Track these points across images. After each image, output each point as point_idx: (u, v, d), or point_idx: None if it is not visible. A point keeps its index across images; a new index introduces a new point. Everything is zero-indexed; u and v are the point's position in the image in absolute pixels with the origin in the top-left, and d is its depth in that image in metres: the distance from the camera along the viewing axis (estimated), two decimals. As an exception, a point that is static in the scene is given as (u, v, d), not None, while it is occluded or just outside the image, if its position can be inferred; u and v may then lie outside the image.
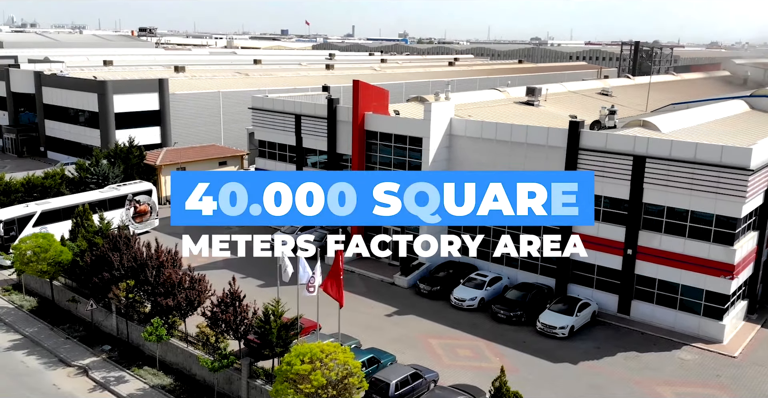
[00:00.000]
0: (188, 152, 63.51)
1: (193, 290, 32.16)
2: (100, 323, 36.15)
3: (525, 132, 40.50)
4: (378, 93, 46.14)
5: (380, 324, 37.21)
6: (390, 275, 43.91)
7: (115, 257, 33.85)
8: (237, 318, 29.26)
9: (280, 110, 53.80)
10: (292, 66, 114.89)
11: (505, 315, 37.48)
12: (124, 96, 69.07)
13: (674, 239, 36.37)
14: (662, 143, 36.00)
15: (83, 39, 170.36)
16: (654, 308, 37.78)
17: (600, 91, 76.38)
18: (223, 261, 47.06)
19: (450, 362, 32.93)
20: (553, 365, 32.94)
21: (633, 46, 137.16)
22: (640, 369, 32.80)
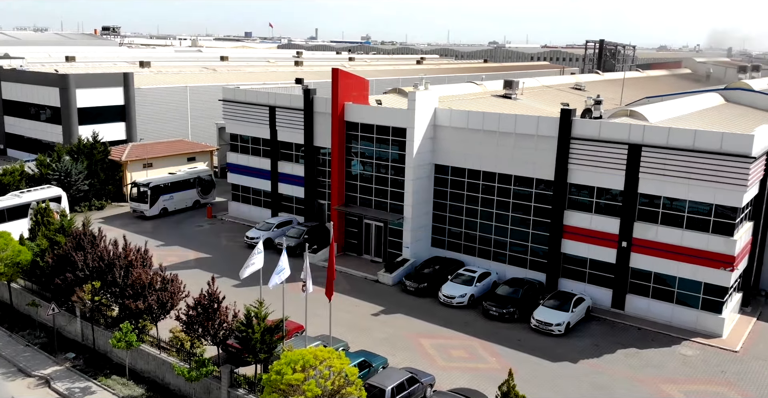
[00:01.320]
0: (155, 148, 60.54)
1: (166, 291, 29.62)
2: (63, 328, 33.32)
3: (514, 121, 38.80)
4: (358, 82, 44.02)
5: (367, 324, 35.09)
6: (373, 272, 41.82)
7: (78, 257, 31.11)
8: (215, 321, 26.84)
9: (253, 102, 51.31)
10: (260, 63, 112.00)
11: (497, 312, 35.69)
12: (88, 90, 65.70)
13: (671, 230, 35.01)
14: (659, 131, 34.60)
15: (45, 37, 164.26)
16: (650, 302, 36.38)
17: (573, 85, 75.73)
18: (195, 260, 44.66)
19: (444, 363, 30.97)
20: (553, 364, 31.22)
21: (598, 44, 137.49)
22: (642, 367, 31.29)
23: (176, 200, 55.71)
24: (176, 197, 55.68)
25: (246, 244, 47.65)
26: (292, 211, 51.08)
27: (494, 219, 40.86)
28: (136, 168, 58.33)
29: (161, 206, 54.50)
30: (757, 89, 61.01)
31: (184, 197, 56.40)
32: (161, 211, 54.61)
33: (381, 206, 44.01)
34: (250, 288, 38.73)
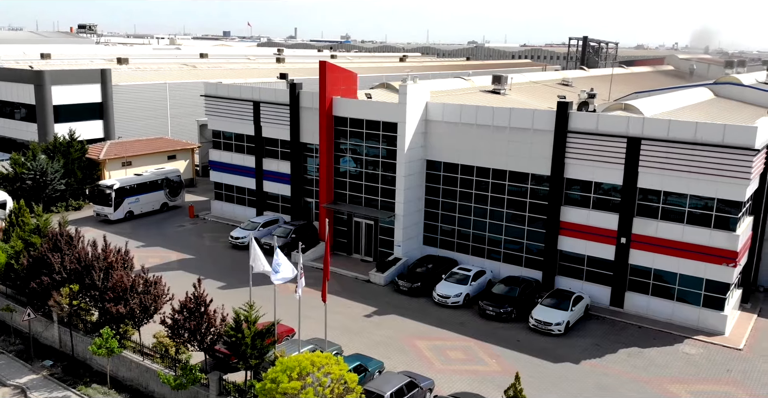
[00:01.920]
0: (135, 146, 58.61)
1: (149, 294, 28.05)
2: (40, 334, 31.55)
3: (508, 115, 37.65)
4: (346, 76, 42.61)
5: (360, 325, 33.72)
6: (364, 271, 40.45)
7: (55, 259, 29.41)
8: (203, 325, 25.31)
9: (237, 97, 49.68)
10: (241, 60, 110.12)
11: (494, 312, 34.51)
12: (64, 87, 63.36)
13: (672, 225, 34.07)
14: (659, 124, 33.63)
15: (19, 36, 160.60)
16: (649, 300, 35.43)
17: (560, 81, 75.08)
18: (177, 261, 43.03)
19: (442, 366, 29.70)
20: (555, 365, 30.09)
21: (581, 41, 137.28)
22: (646, 367, 30.27)
23: (142, 202, 52.64)
24: (142, 199, 52.55)
25: (230, 244, 46.06)
26: (278, 210, 49.54)
27: (488, 216, 39.70)
28: (115, 167, 56.38)
29: (126, 209, 51.31)
30: (746, 84, 60.68)
31: (150, 199, 53.37)
32: (126, 214, 51.37)
33: (371, 204, 42.66)
34: (237, 290, 37.31)
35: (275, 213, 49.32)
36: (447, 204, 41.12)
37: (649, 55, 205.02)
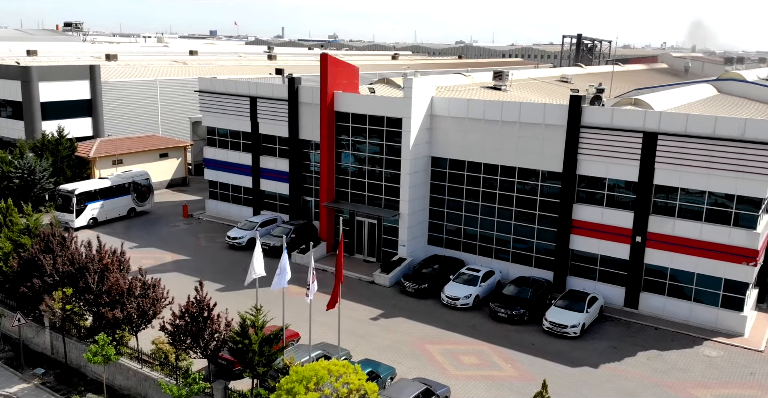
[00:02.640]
0: (125, 143, 56.84)
1: (147, 298, 26.45)
2: (31, 341, 29.86)
3: (518, 110, 36.35)
4: (348, 70, 41.16)
5: (367, 329, 32.29)
6: (368, 272, 39.02)
7: (47, 261, 27.77)
8: (206, 331, 23.77)
9: (233, 93, 48.08)
10: (231, 57, 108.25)
11: (506, 314, 33.18)
12: (51, 84, 61.42)
13: (689, 223, 32.91)
14: (676, 118, 32.45)
15: (4, 33, 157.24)
16: (665, 300, 34.27)
17: (559, 78, 74.04)
18: (172, 263, 41.43)
19: (456, 372, 28.32)
20: (573, 370, 28.80)
21: (576, 39, 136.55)
22: (668, 370, 29.07)
23: (107, 208, 48.65)
24: (107, 204, 48.57)
25: (227, 244, 44.47)
26: (276, 209, 48.00)
27: (496, 215, 38.39)
28: (105, 165, 54.58)
29: (90, 216, 47.51)
30: (749, 80, 59.81)
31: (116, 204, 49.47)
32: (90, 221, 47.50)
33: (374, 202, 41.23)
34: (237, 292, 35.82)
35: (273, 212, 47.78)
36: (453, 202, 39.77)
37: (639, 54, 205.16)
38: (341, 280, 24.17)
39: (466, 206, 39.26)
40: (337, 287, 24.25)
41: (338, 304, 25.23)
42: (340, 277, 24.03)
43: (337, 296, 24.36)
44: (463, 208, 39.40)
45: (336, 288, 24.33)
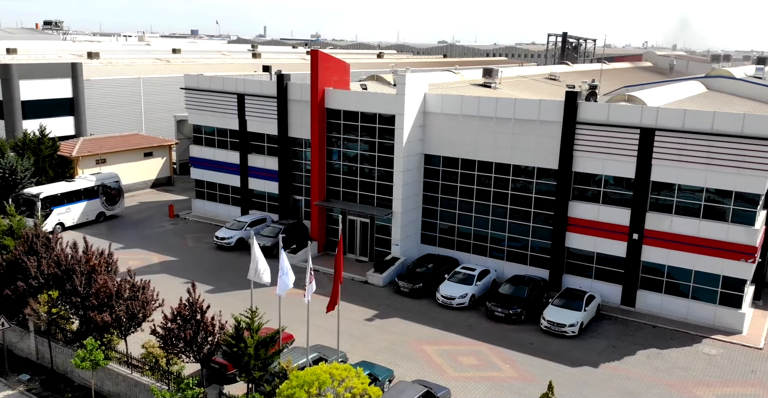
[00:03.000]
0: (109, 142, 55.62)
1: (136, 300, 25.55)
2: (15, 345, 28.82)
3: (513, 106, 35.84)
4: (338, 66, 40.42)
5: (362, 330, 31.59)
6: (361, 272, 38.31)
7: (31, 263, 26.78)
8: (199, 335, 22.94)
9: (220, 90, 47.14)
10: (215, 55, 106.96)
11: (503, 314, 32.64)
12: (32, 82, 59.97)
13: (687, 220, 32.58)
14: (674, 114, 32.10)
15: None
16: (663, 298, 33.93)
17: (547, 76, 73.82)
18: (159, 264, 40.47)
19: (455, 373, 27.71)
20: (573, 369, 28.31)
21: (561, 37, 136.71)
22: (669, 369, 28.67)
23: (75, 212, 46.15)
24: (74, 209, 45.93)
25: (215, 245, 43.54)
26: (264, 208, 47.15)
27: (491, 213, 37.86)
28: (89, 164, 53.37)
29: (56, 221, 44.86)
30: (738, 77, 59.91)
31: (84, 208, 46.97)
32: (56, 227, 44.48)
33: (366, 201, 40.52)
34: (227, 294, 35.08)
35: (262, 212, 46.91)
36: (446, 201, 39.17)
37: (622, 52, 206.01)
38: (340, 280, 23.39)
39: (460, 204, 38.70)
40: (336, 288, 23.52)
41: (333, 308, 24.50)
42: (339, 278, 23.29)
43: (336, 297, 23.63)
44: (457, 206, 38.83)
45: (335, 289, 23.61)
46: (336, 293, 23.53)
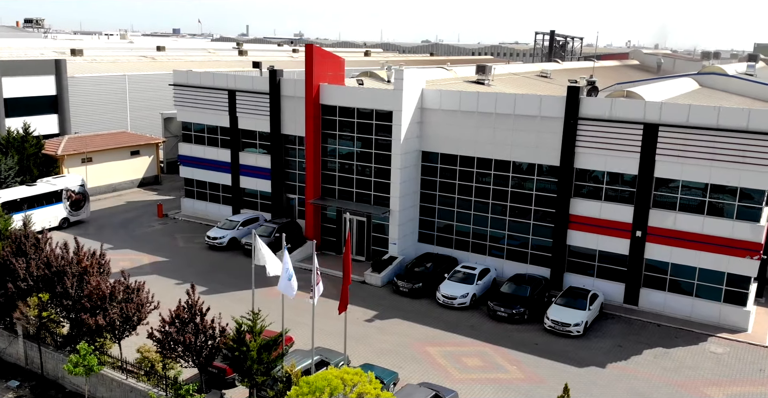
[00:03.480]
0: (95, 141, 54.30)
1: (131, 303, 24.53)
2: (3, 351, 27.67)
3: (513, 102, 35.17)
4: (334, 61, 39.55)
5: (362, 331, 30.75)
6: (358, 272, 37.39)
7: (20, 264, 25.67)
8: (199, 338, 22.00)
9: (210, 86, 46.04)
10: (200, 52, 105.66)
11: (506, 313, 31.96)
12: (15, 79, 58.33)
13: (691, 217, 32.10)
14: (678, 109, 31.59)
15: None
16: (666, 296, 33.45)
17: (539, 73, 73.42)
18: (150, 265, 39.38)
19: (461, 375, 26.98)
20: (580, 370, 27.69)
21: (549, 35, 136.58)
22: (677, 368, 28.15)
23: (36, 218, 40.04)
24: (37, 214, 41.31)
25: (207, 245, 42.50)
26: (257, 207, 46.15)
27: (490, 210, 37.18)
28: (74, 163, 52.06)
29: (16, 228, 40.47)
30: (731, 74, 59.82)
31: (46, 214, 43.95)
32: None
33: (362, 199, 39.68)
34: (221, 295, 34.14)
35: (254, 211, 45.90)
36: (444, 199, 38.43)
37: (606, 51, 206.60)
38: (349, 281, 22.55)
39: (459, 202, 37.97)
40: (345, 289, 22.66)
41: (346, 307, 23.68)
42: (348, 278, 22.45)
43: (346, 298, 22.79)
44: (456, 204, 38.11)
45: (345, 290, 22.73)
46: (346, 294, 22.65)
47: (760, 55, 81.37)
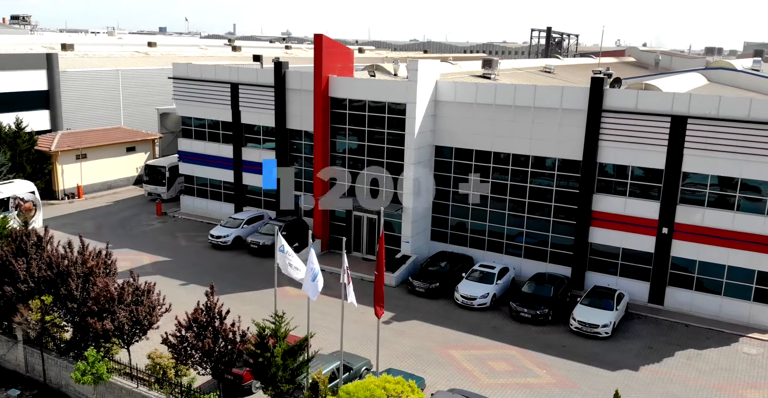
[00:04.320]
0: (90, 136, 52.44)
1: (141, 305, 22.93)
2: (2, 357, 25.94)
3: (533, 94, 33.83)
4: (343, 52, 38.05)
5: (381, 334, 29.16)
6: (369, 271, 35.80)
7: (20, 265, 23.97)
8: (218, 344, 20.45)
9: (211, 79, 44.35)
10: (193, 48, 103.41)
11: (530, 314, 30.61)
12: (5, 73, 56.25)
13: (721, 213, 30.92)
14: (708, 100, 30.37)
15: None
16: (693, 295, 32.24)
17: (542, 68, 72.26)
18: (152, 265, 37.76)
19: (489, 380, 25.60)
20: (613, 373, 26.39)
21: (546, 32, 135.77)
22: (712, 371, 26.93)
23: None
24: None
25: (210, 244, 40.87)
26: (260, 205, 44.55)
27: (507, 207, 35.83)
28: (68, 160, 50.25)
29: None
30: (739, 69, 58.97)
31: None
32: None
33: (373, 196, 38.17)
34: (230, 296, 32.59)
35: (257, 209, 44.30)
36: (458, 195, 37.03)
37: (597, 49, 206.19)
38: (382, 281, 21.05)
39: (474, 198, 36.56)
40: (380, 290, 21.15)
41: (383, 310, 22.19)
42: (382, 278, 20.95)
43: (382, 300, 21.31)
44: (470, 200, 36.70)
45: (380, 291, 21.18)
46: (381, 295, 21.12)
47: (765, 50, 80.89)
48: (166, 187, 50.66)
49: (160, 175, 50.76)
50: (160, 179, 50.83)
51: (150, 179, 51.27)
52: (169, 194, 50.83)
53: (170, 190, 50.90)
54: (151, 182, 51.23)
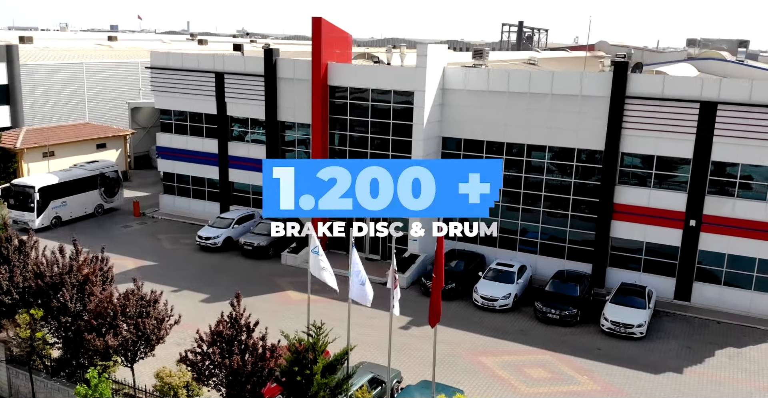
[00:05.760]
0: (58, 133, 48.65)
1: (148, 317, 20.09)
2: (-20, 381, 22.75)
3: (550, 79, 31.87)
4: (341, 38, 35.47)
5: (401, 341, 26.89)
6: (377, 272, 33.35)
7: (2, 274, 20.84)
8: (248, 362, 17.75)
9: (194, 69, 41.23)
10: (155, 42, 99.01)
11: (558, 315, 28.61)
12: (-40, 66, 52.24)
13: (752, 203, 29.46)
14: (739, 85, 28.85)
15: None
16: (722, 290, 30.74)
17: (526, 60, 71.20)
18: (137, 270, 34.59)
19: (529, 389, 23.48)
20: (658, 377, 24.55)
21: (518, 27, 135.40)
22: (759, 370, 25.35)
23: None
24: None
25: (198, 246, 37.90)
26: (248, 203, 41.64)
27: (521, 201, 33.83)
28: (35, 158, 46.43)
29: None
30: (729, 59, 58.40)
31: None
32: None
33: (377, 191, 35.70)
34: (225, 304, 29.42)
35: (246, 207, 41.40)
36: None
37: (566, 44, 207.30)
38: (441, 284, 18.63)
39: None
40: (437, 296, 18.72)
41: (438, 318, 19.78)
42: (440, 283, 18.52)
43: (439, 307, 18.91)
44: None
45: (437, 297, 18.71)
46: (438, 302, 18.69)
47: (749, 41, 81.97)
48: (35, 213, 39.30)
49: (28, 198, 39.42)
50: (27, 204, 39.46)
51: (15, 202, 39.82)
52: (41, 223, 39.60)
53: (41, 217, 39.63)
54: (16, 206, 39.68)
